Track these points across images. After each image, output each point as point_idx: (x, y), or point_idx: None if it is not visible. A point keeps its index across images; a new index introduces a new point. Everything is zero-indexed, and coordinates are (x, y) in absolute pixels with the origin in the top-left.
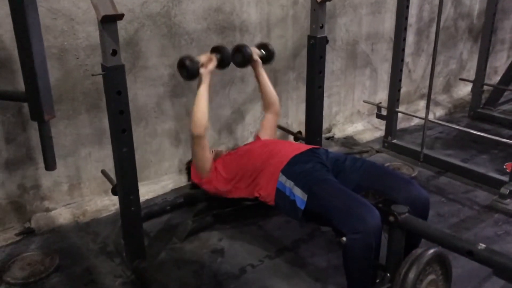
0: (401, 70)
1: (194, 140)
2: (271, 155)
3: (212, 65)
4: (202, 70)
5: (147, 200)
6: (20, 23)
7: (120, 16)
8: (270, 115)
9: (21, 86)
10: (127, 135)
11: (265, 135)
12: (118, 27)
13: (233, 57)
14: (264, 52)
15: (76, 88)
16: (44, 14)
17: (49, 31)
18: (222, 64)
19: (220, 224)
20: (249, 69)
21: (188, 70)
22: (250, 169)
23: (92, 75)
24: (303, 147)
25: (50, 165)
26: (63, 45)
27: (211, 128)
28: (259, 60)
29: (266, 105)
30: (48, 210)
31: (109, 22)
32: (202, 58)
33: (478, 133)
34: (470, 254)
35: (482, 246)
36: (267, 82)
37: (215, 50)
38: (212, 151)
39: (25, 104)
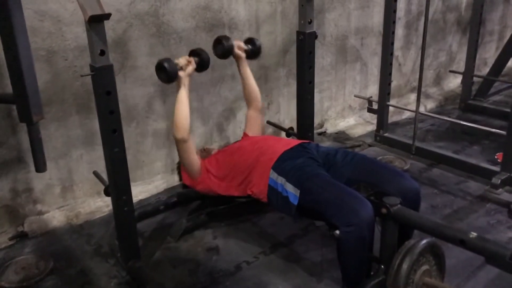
0: (391, 64)
1: (178, 144)
2: (261, 152)
3: (191, 68)
4: (181, 73)
5: (141, 200)
6: (5, 25)
7: (107, 16)
8: (253, 112)
9: (9, 88)
10: (118, 135)
11: (252, 132)
12: (106, 27)
13: (214, 48)
14: (250, 47)
15: (66, 90)
16: (31, 16)
17: (36, 33)
18: (201, 67)
19: (215, 222)
20: None
21: (167, 73)
22: (242, 167)
23: (81, 75)
24: (293, 142)
25: (40, 167)
26: (51, 47)
27: (203, 127)
28: (243, 55)
29: (248, 101)
30: (41, 213)
31: (96, 22)
32: (181, 61)
33: (469, 124)
34: (463, 243)
35: (473, 234)
36: (250, 77)
37: (194, 53)
38: (204, 149)
39: (15, 107)
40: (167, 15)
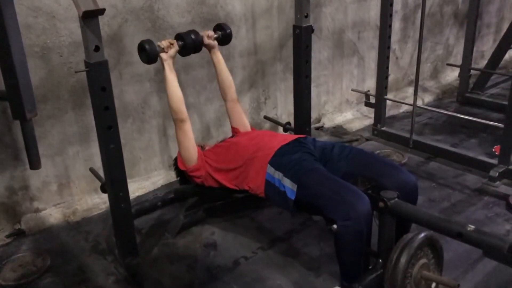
0: (388, 58)
1: (177, 124)
2: (258, 148)
3: (173, 50)
4: (163, 55)
5: (138, 197)
6: None
7: (101, 11)
8: (230, 103)
9: (1, 85)
10: (114, 131)
11: (239, 124)
12: (100, 23)
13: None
14: (220, 33)
15: (61, 86)
16: (24, 12)
17: (30, 29)
18: (184, 51)
19: (212, 217)
20: (237, 61)
21: (147, 54)
22: (238, 162)
23: (75, 71)
24: (289, 137)
25: (34, 164)
26: (46, 43)
27: (200, 123)
28: (214, 43)
29: (223, 90)
30: (38, 210)
31: (90, 17)
32: (163, 43)
33: (467, 118)
34: (460, 236)
35: (471, 227)
36: (224, 66)
37: (179, 37)
38: (202, 146)
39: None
40: (162, 10)
